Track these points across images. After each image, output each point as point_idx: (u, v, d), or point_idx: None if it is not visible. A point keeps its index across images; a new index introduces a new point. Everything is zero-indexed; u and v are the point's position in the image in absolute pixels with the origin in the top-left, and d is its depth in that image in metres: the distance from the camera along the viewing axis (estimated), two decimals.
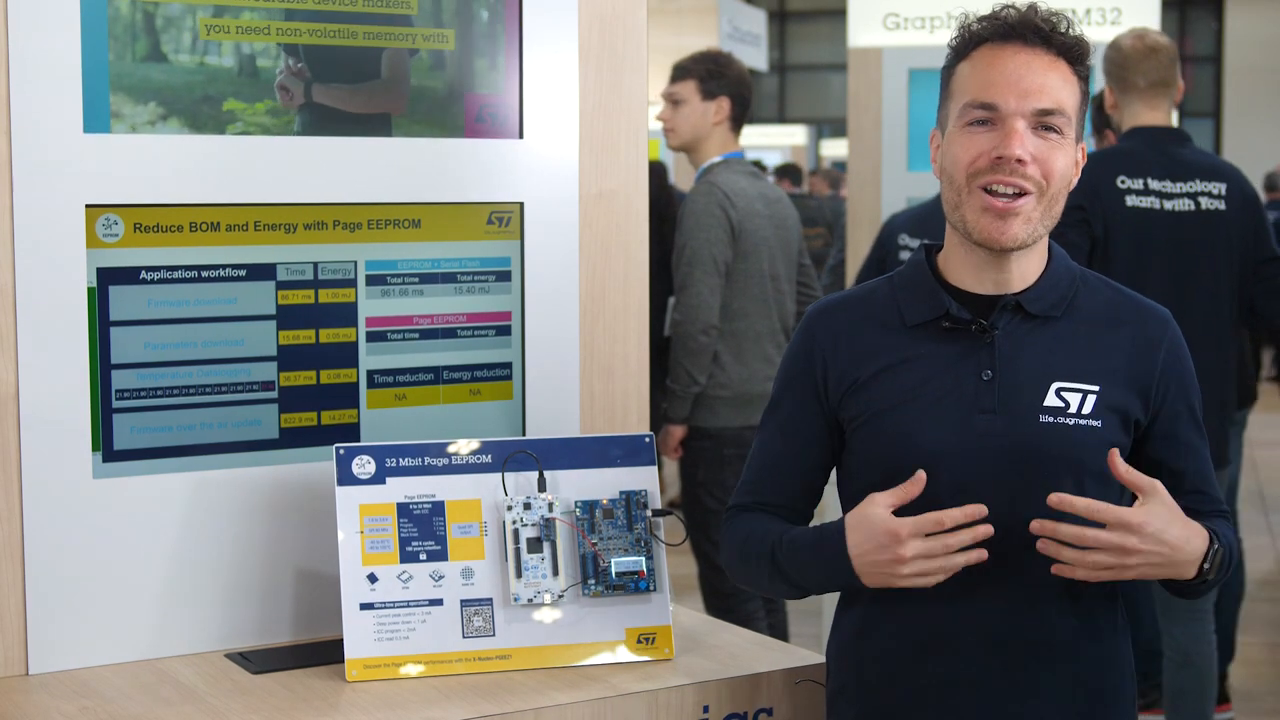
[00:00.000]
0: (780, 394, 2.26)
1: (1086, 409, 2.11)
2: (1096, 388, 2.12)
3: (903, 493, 2.03)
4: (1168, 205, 4.20)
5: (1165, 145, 4.28)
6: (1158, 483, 2.03)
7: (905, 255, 5.90)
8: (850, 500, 2.22)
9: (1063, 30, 2.10)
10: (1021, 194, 2.07)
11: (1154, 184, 4.20)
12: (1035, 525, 2.00)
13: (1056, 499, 1.99)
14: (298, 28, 2.44)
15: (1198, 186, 4.23)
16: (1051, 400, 2.11)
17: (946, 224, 2.16)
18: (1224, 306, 4.24)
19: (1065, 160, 2.10)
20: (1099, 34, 7.37)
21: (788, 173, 14.68)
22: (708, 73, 4.81)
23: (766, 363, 4.65)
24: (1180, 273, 4.19)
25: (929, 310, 2.16)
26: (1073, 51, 2.11)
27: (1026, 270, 2.15)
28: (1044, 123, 2.08)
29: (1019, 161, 2.05)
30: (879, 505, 2.04)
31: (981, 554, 2.01)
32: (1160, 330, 2.18)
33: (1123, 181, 4.20)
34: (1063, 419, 2.10)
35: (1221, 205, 4.22)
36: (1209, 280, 4.21)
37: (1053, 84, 2.08)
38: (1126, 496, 2.18)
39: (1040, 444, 2.09)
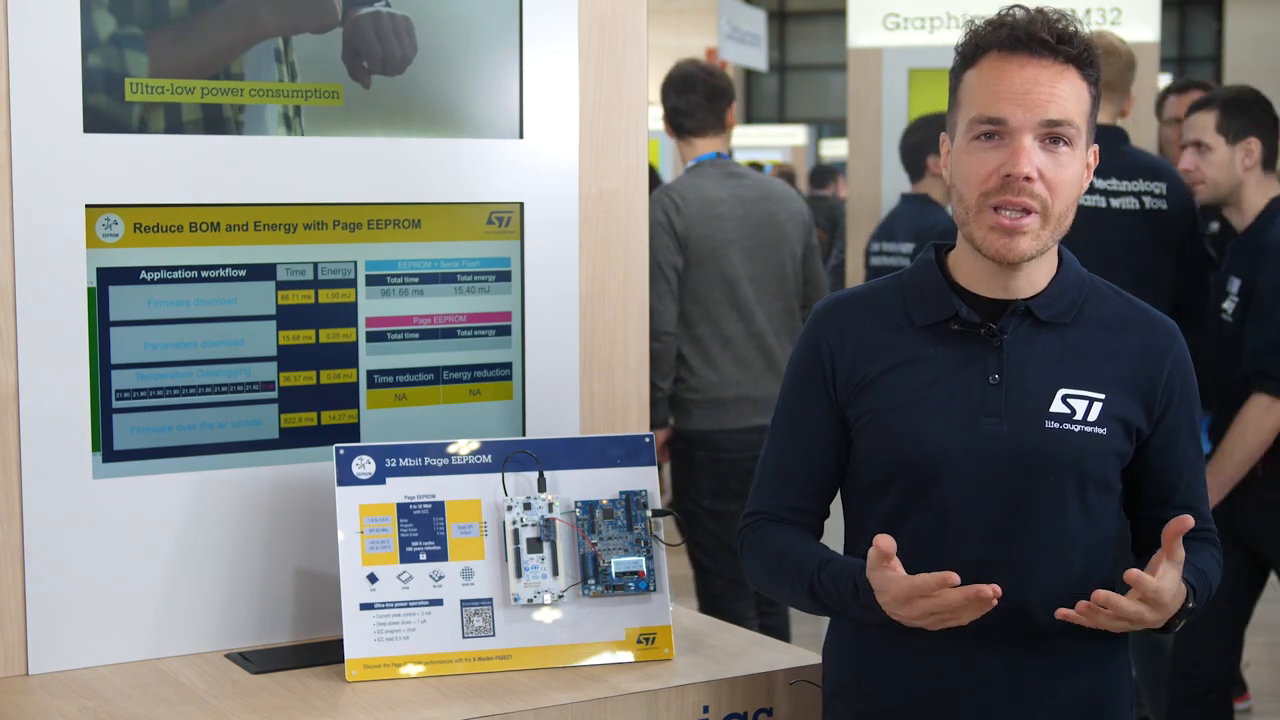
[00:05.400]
0: (790, 394, 2.25)
1: (1092, 416, 2.10)
2: (1103, 395, 2.11)
3: (923, 585, 1.99)
4: (1114, 203, 4.26)
5: (1108, 143, 4.33)
6: (1174, 567, 2.01)
7: (875, 261, 5.95)
8: (852, 497, 2.22)
9: (1070, 34, 2.07)
10: (1027, 212, 2.06)
11: (1099, 183, 4.27)
12: (1066, 610, 2.00)
13: (1104, 599, 1.97)
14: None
15: (1141, 185, 4.31)
16: (1058, 406, 2.10)
17: (958, 231, 2.15)
18: (1165, 304, 4.31)
19: (1074, 172, 2.08)
20: None
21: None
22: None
23: (741, 367, 4.64)
24: (1126, 271, 4.23)
25: (938, 312, 2.15)
26: (1081, 58, 2.08)
27: (1036, 277, 2.14)
28: (1053, 134, 2.06)
29: (1026, 179, 2.04)
30: (886, 572, 2.01)
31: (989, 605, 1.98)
32: (1167, 342, 2.18)
33: None
34: (1068, 425, 2.09)
35: (1164, 205, 4.32)
36: (1150, 278, 4.27)
37: (1061, 94, 2.06)
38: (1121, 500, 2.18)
39: (1045, 450, 2.09)
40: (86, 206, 2.32)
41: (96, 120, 2.31)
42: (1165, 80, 5.22)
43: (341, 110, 2.49)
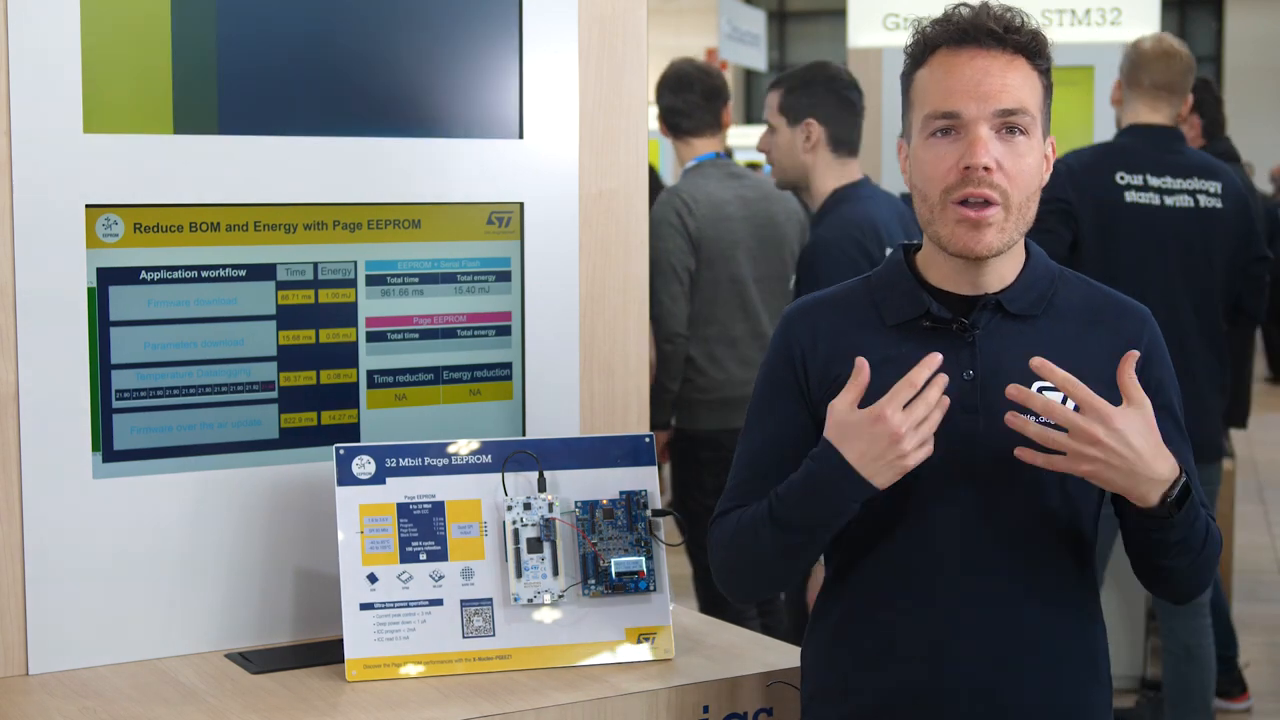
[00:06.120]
0: (762, 396, 2.23)
1: (1069, 408, 2.09)
2: None
3: (855, 387, 2.02)
4: (1169, 201, 4.27)
5: (1163, 142, 4.35)
6: (1147, 400, 1.99)
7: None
8: None
9: (1017, 26, 2.08)
10: (989, 203, 2.05)
11: (1154, 180, 4.27)
12: (1010, 419, 1.98)
13: (1015, 390, 1.97)
14: None
15: (1196, 184, 4.31)
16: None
17: (923, 230, 2.15)
18: (1218, 303, 4.34)
19: (1033, 161, 2.08)
20: (1099, 34, 7.39)
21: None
22: None
23: (746, 366, 4.65)
24: (1180, 269, 4.27)
25: (909, 310, 2.14)
26: (1030, 47, 2.08)
27: (1004, 271, 2.13)
28: (1008, 123, 2.05)
29: (985, 170, 2.03)
30: (844, 406, 2.02)
31: (945, 400, 1.99)
32: (1139, 327, 2.17)
33: (1121, 178, 4.26)
34: (1045, 418, 2.09)
35: (1219, 204, 4.32)
36: (1205, 277, 4.31)
37: (1013, 83, 2.06)
38: (1108, 498, 2.17)
39: (1023, 443, 2.07)
40: (86, 206, 2.32)
41: (96, 120, 2.31)
42: None
43: (342, 110, 2.49)
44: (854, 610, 2.16)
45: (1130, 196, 4.26)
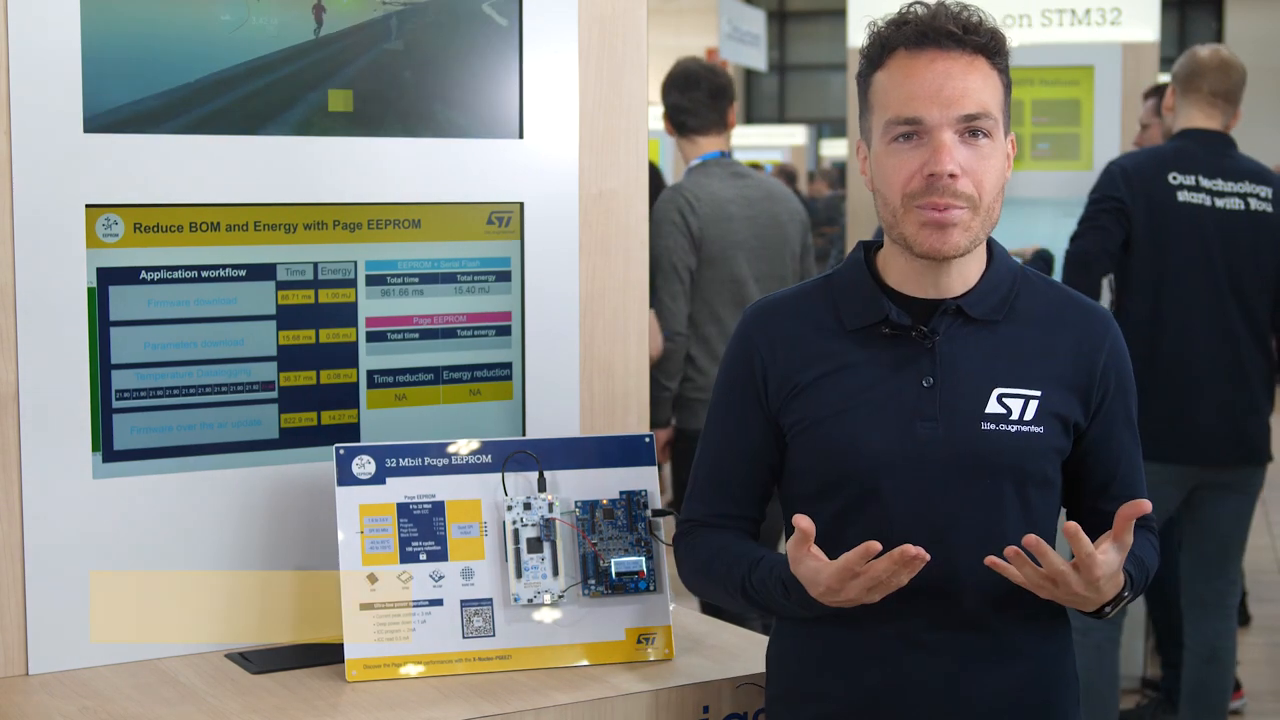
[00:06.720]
0: (722, 400, 2.22)
1: (1029, 415, 2.08)
2: (1038, 393, 2.09)
3: (803, 542, 1.98)
4: (1219, 203, 4.35)
5: (1216, 147, 4.42)
6: (1131, 542, 1.98)
7: None
8: (790, 502, 2.19)
9: (975, 25, 2.05)
10: (957, 206, 2.05)
11: (1205, 181, 4.35)
12: (996, 559, 1.96)
13: (1035, 543, 1.94)
14: None
15: (1247, 188, 4.39)
16: (993, 407, 2.08)
17: (885, 233, 2.14)
18: (1266, 305, 4.36)
19: (996, 162, 2.06)
20: (1099, 34, 7.37)
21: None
22: None
23: None
24: (1228, 270, 4.32)
25: (869, 315, 2.12)
26: (989, 47, 2.06)
27: (967, 273, 2.12)
28: (971, 127, 2.03)
29: (951, 176, 2.01)
30: (795, 561, 2.00)
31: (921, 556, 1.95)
32: (1102, 332, 2.16)
33: (1174, 178, 4.34)
34: (1004, 426, 2.07)
35: (1269, 208, 4.41)
36: (1253, 279, 4.36)
37: (974, 86, 2.04)
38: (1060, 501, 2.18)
39: (982, 451, 2.06)
40: (86, 206, 2.31)
41: (96, 120, 2.31)
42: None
43: (342, 110, 2.49)
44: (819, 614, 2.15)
45: (1182, 196, 4.34)
